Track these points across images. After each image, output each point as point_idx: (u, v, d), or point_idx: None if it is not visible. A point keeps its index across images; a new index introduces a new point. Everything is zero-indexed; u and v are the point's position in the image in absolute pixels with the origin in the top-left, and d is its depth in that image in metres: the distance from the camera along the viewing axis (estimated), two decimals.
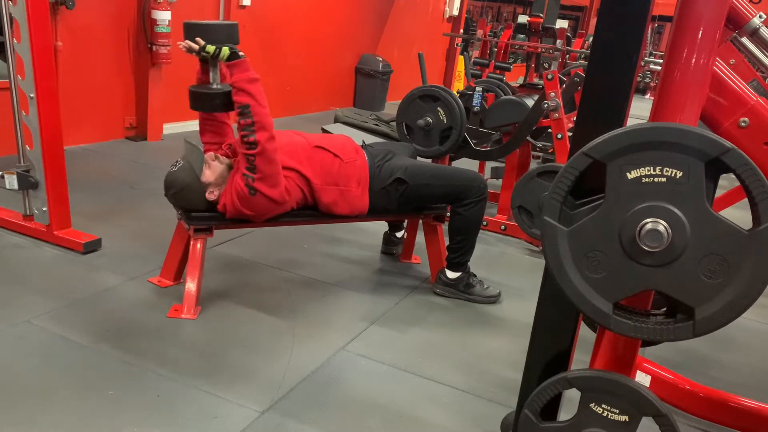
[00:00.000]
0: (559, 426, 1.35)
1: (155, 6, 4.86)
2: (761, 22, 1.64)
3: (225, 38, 2.38)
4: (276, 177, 2.43)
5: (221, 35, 2.38)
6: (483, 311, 2.84)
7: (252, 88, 2.34)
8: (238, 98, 2.34)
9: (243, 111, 2.33)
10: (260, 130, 2.33)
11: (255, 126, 2.33)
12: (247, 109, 2.32)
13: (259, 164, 2.36)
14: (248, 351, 2.29)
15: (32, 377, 2.00)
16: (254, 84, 2.35)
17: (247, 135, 2.33)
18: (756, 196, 1.04)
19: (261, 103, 2.35)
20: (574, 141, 1.27)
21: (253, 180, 2.38)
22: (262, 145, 2.34)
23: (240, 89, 2.34)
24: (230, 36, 2.40)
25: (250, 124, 2.33)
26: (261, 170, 2.37)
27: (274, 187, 2.43)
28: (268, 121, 2.37)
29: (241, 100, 2.33)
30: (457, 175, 2.82)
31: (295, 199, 2.57)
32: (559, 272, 1.16)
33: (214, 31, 2.37)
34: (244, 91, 2.33)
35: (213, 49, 2.34)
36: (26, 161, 2.93)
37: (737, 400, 1.93)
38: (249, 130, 2.33)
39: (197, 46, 2.35)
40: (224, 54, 2.34)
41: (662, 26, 14.83)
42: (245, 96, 2.33)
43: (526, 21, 5.67)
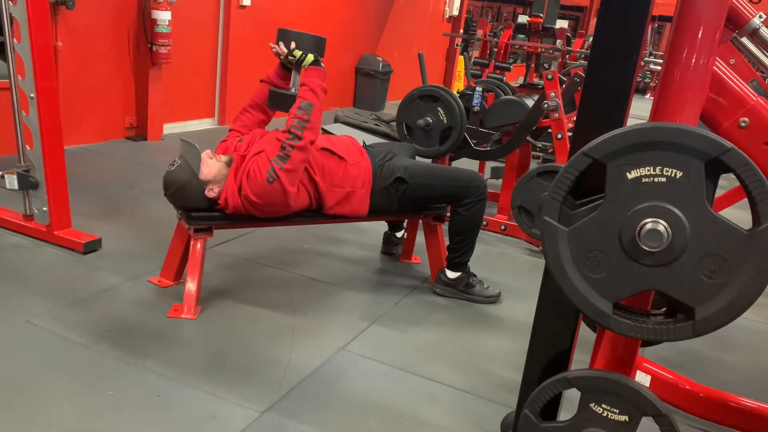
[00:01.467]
0: (559, 426, 1.35)
1: (155, 6, 4.86)
2: (761, 22, 1.65)
3: (312, 48, 2.58)
4: (298, 176, 2.49)
5: (309, 44, 2.58)
6: (483, 311, 2.84)
7: (322, 96, 2.52)
8: (307, 96, 2.48)
9: (305, 108, 2.46)
10: (311, 130, 2.45)
11: (308, 124, 2.44)
12: (310, 108, 2.46)
13: (294, 156, 2.43)
14: (248, 351, 2.29)
15: (32, 377, 2.00)
16: (324, 93, 2.53)
17: (297, 128, 2.43)
18: (756, 196, 1.04)
19: (321, 109, 2.51)
20: (574, 141, 1.27)
21: (281, 168, 2.42)
22: (305, 142, 2.44)
23: (312, 89, 2.50)
24: (317, 47, 2.60)
25: (305, 120, 2.44)
26: (293, 162, 2.43)
27: (293, 184, 2.47)
28: (320, 126, 2.53)
29: (309, 98, 2.48)
30: (456, 175, 2.82)
31: (300, 203, 2.57)
32: (559, 272, 1.16)
33: (304, 39, 2.58)
34: (314, 93, 2.49)
35: (300, 53, 2.54)
36: (26, 161, 2.93)
37: (737, 400, 1.93)
38: (301, 125, 2.44)
39: (286, 50, 2.56)
40: (308, 60, 2.54)
41: (662, 26, 14.83)
42: (314, 97, 2.49)
43: (526, 21, 5.67)
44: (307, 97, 2.48)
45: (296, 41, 2.57)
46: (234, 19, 5.95)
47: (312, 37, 2.61)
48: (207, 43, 5.85)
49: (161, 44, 4.95)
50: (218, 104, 6.13)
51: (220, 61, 6.01)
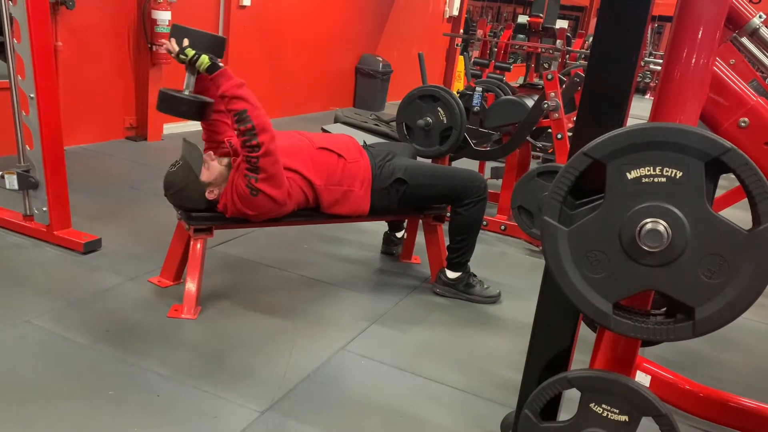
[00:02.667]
0: (559, 426, 1.35)
1: (155, 6, 4.86)
2: (761, 22, 1.65)
3: (208, 48, 2.34)
4: (280, 177, 2.43)
5: (204, 43, 2.34)
6: (483, 311, 2.84)
7: (243, 93, 2.32)
8: (234, 106, 2.31)
9: (240, 117, 2.30)
10: (262, 132, 2.32)
11: (256, 129, 2.31)
12: (244, 114, 2.30)
13: (263, 165, 2.36)
14: (248, 351, 2.29)
15: (32, 377, 2.00)
16: (243, 88, 2.34)
17: (249, 139, 2.32)
18: (756, 196, 1.04)
19: (256, 106, 2.34)
20: (574, 141, 1.27)
21: (257, 180, 2.38)
22: (266, 147, 2.33)
23: (232, 97, 2.31)
24: (214, 47, 2.36)
25: (250, 128, 2.31)
26: (265, 170, 2.37)
27: (278, 187, 2.43)
28: (267, 120, 2.36)
29: (237, 107, 2.31)
30: (456, 175, 2.82)
31: (295, 201, 2.56)
32: (559, 272, 1.16)
33: (198, 38, 2.34)
34: (236, 98, 2.31)
35: (192, 53, 2.31)
36: (26, 161, 2.93)
37: (737, 400, 1.93)
38: (250, 135, 2.31)
39: (177, 48, 2.34)
40: (202, 62, 2.31)
41: (662, 26, 14.83)
42: (239, 102, 2.31)
43: (526, 21, 5.67)
44: (235, 107, 2.30)
45: (190, 39, 2.34)
46: (234, 19, 5.95)
47: (208, 35, 2.39)
48: None
49: (161, 44, 4.94)
50: None
51: None
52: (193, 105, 2.41)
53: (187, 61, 2.34)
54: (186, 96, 2.41)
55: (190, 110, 2.41)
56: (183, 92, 2.42)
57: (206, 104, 2.46)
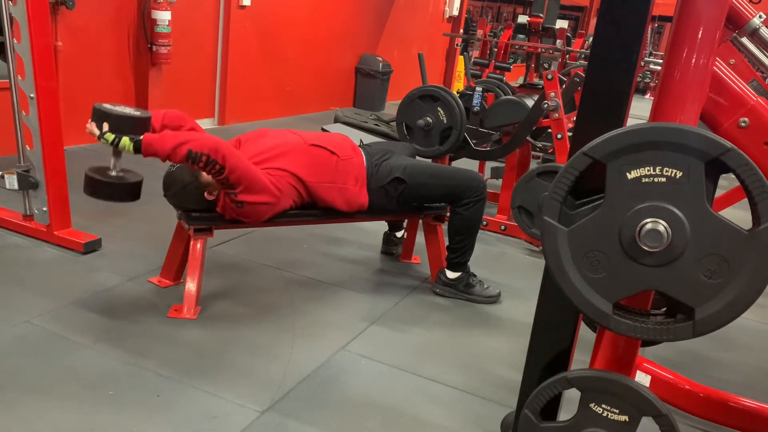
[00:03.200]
0: (559, 426, 1.35)
1: (155, 6, 4.86)
2: (761, 22, 1.64)
3: (131, 128, 2.26)
4: (258, 182, 2.41)
5: (126, 125, 2.26)
6: (483, 311, 2.84)
7: (175, 140, 2.26)
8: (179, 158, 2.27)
9: (191, 158, 2.26)
10: (215, 154, 2.27)
11: (210, 156, 2.26)
12: (191, 154, 2.25)
13: (234, 180, 2.34)
14: (248, 351, 2.29)
15: (32, 377, 2.00)
16: (169, 139, 2.27)
17: (211, 167, 2.29)
18: (756, 196, 1.04)
19: (193, 138, 2.29)
20: (574, 141, 1.27)
21: (236, 195, 2.38)
22: (228, 164, 2.30)
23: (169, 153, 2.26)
24: (137, 127, 2.28)
25: (206, 160, 2.26)
26: (239, 183, 2.36)
27: (259, 192, 2.42)
28: (212, 141, 2.30)
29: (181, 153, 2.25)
30: (456, 175, 2.82)
31: (290, 197, 2.55)
32: (559, 272, 1.16)
33: (119, 120, 2.25)
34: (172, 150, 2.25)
35: (111, 138, 2.24)
36: (26, 161, 2.94)
37: (737, 400, 1.93)
38: (210, 164, 2.27)
39: (97, 132, 2.27)
40: (125, 146, 2.25)
41: (662, 26, 14.84)
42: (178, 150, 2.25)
43: (526, 21, 5.67)
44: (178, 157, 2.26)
45: (110, 122, 2.25)
46: (234, 19, 5.95)
47: (129, 117, 2.27)
48: (207, 43, 5.85)
49: (161, 44, 4.95)
50: (218, 104, 6.13)
51: (220, 61, 6.01)
52: (121, 188, 2.35)
53: (109, 144, 2.26)
54: (110, 179, 2.34)
55: (119, 193, 2.37)
56: (109, 172, 2.35)
57: (135, 184, 2.39)
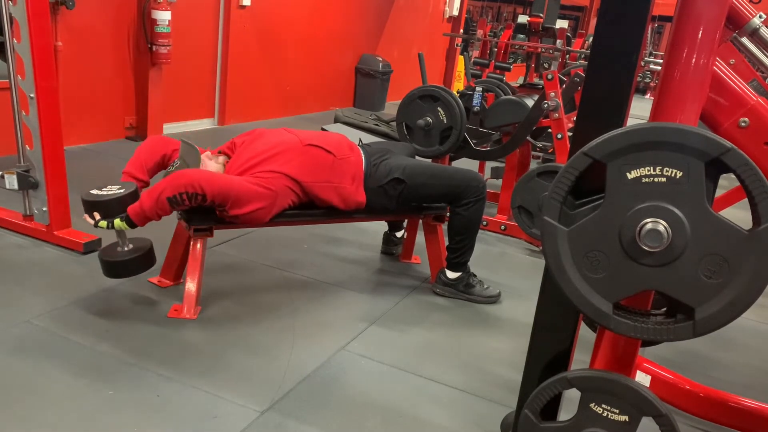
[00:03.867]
0: (559, 426, 1.35)
1: (155, 6, 4.86)
2: (761, 22, 1.65)
3: (123, 207, 2.34)
4: (244, 194, 2.38)
5: (116, 208, 2.34)
6: (483, 311, 2.84)
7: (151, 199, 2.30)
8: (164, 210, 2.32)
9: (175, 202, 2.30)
10: (192, 188, 2.29)
11: (189, 192, 2.29)
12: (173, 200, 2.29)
13: (220, 201, 2.35)
14: (248, 351, 2.29)
15: (32, 377, 2.00)
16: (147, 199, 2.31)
17: (194, 198, 2.31)
18: (756, 196, 1.04)
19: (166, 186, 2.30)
20: (574, 141, 1.27)
21: (227, 211, 2.39)
22: (207, 192, 2.30)
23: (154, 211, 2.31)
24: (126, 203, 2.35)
25: (186, 198, 2.30)
26: (226, 201, 2.35)
27: (249, 202, 2.40)
28: (185, 178, 2.31)
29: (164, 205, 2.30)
30: (455, 175, 2.82)
31: (287, 197, 2.53)
32: (559, 272, 1.16)
33: (108, 205, 2.34)
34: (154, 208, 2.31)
35: (105, 224, 2.33)
36: (26, 161, 2.93)
37: (737, 400, 1.93)
38: (193, 198, 2.30)
39: (92, 222, 2.35)
40: (119, 227, 2.34)
41: (662, 26, 14.84)
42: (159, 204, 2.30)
43: (526, 21, 5.67)
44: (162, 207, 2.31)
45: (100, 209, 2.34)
46: (234, 19, 5.95)
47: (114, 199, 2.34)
48: (207, 43, 5.85)
49: (161, 44, 4.94)
50: (218, 104, 6.13)
51: (220, 61, 6.01)
52: (137, 261, 2.41)
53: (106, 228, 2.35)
54: (125, 255, 2.41)
55: (137, 266, 2.42)
56: (122, 249, 2.42)
57: (148, 252, 2.45)
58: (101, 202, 2.34)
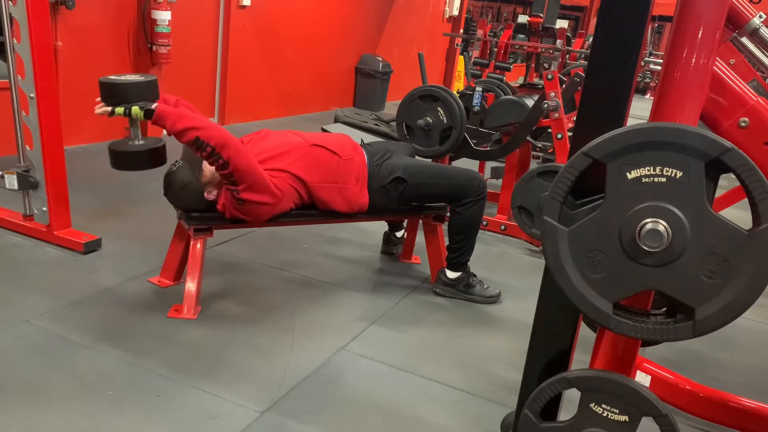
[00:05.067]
0: (559, 426, 1.35)
1: (155, 6, 4.86)
2: (761, 22, 1.65)
3: (138, 95, 2.27)
4: (260, 182, 2.40)
5: (134, 93, 2.27)
6: (483, 311, 2.84)
7: (186, 123, 2.25)
8: (185, 139, 2.26)
9: (198, 145, 2.25)
10: (223, 149, 2.27)
11: (216, 149, 2.26)
12: (198, 141, 2.24)
13: (238, 178, 2.35)
14: (248, 351, 2.29)
15: (32, 377, 2.00)
16: (184, 118, 2.26)
17: (215, 160, 2.29)
18: (756, 196, 1.04)
19: (205, 126, 2.27)
20: (574, 141, 1.27)
21: (238, 192, 2.38)
22: (233, 161, 2.29)
23: (179, 132, 2.25)
24: (145, 92, 2.29)
25: (210, 151, 2.26)
26: (243, 181, 2.36)
27: (261, 192, 2.42)
28: (223, 135, 2.29)
29: (189, 138, 2.25)
30: (456, 175, 2.82)
31: (291, 198, 2.56)
32: (559, 272, 1.16)
33: (126, 90, 2.27)
34: (183, 131, 2.24)
35: (122, 110, 2.26)
36: (26, 161, 2.93)
37: (737, 400, 1.93)
38: (214, 156, 2.27)
39: (108, 109, 2.29)
40: (136, 115, 2.26)
41: (662, 26, 14.84)
42: (188, 132, 2.24)
43: (526, 21, 5.68)
44: (186, 138, 2.25)
45: (118, 92, 2.27)
46: (234, 19, 5.95)
47: (134, 84, 2.29)
48: (207, 43, 5.85)
49: (161, 44, 4.94)
50: (218, 104, 6.13)
51: (220, 61, 6.01)
52: (146, 155, 2.35)
53: (122, 115, 2.29)
54: (135, 147, 2.35)
55: (144, 161, 2.36)
56: (133, 142, 2.36)
57: (159, 149, 2.40)
58: (122, 85, 2.26)
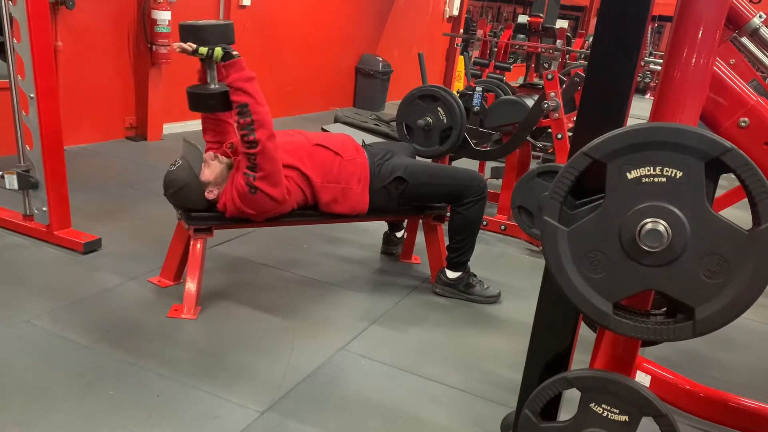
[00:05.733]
0: (559, 426, 1.34)
1: (155, 6, 4.86)
2: (761, 22, 1.65)
3: (218, 38, 2.36)
4: (277, 175, 2.43)
5: (214, 35, 2.36)
6: (483, 311, 2.84)
7: (249, 87, 2.34)
8: (236, 98, 2.34)
9: (242, 110, 2.33)
10: (260, 128, 2.33)
11: (255, 124, 2.32)
12: (245, 108, 2.32)
13: (260, 162, 2.36)
14: (248, 351, 2.29)
15: (32, 377, 2.00)
16: (251, 82, 2.35)
17: (247, 134, 2.33)
18: (756, 196, 1.04)
19: (259, 102, 2.35)
20: (574, 141, 1.27)
21: (254, 179, 2.38)
22: (262, 144, 2.34)
23: (237, 89, 2.33)
24: (224, 36, 2.39)
25: (249, 123, 2.32)
26: (262, 168, 2.38)
27: (275, 185, 2.43)
28: (268, 119, 2.37)
29: (240, 99, 2.33)
30: (456, 175, 2.82)
31: (295, 199, 2.57)
32: (559, 272, 1.16)
33: (207, 32, 2.35)
34: (241, 90, 2.33)
35: (205, 50, 2.33)
36: (26, 161, 2.93)
37: (737, 400, 1.93)
38: (249, 129, 2.33)
39: (190, 48, 2.34)
40: (217, 55, 2.34)
41: (662, 26, 14.84)
42: (243, 95, 2.33)
43: (526, 21, 5.67)
44: (238, 99, 2.33)
45: (199, 35, 2.35)
46: (234, 19, 5.88)
47: (215, 25, 2.40)
48: None
49: (161, 44, 4.94)
50: None
51: None
52: (224, 96, 2.41)
53: (203, 58, 2.36)
54: (214, 89, 2.42)
55: (220, 102, 2.43)
56: (208, 86, 2.43)
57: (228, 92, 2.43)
58: (206, 27, 2.35)
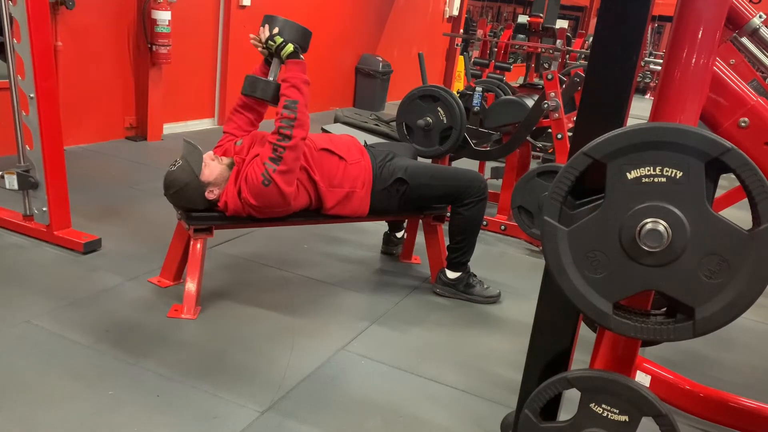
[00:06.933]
0: (559, 426, 1.34)
1: (155, 6, 4.86)
2: (761, 22, 1.65)
3: (295, 38, 2.53)
4: (294, 175, 2.48)
5: (293, 34, 2.53)
6: (483, 311, 2.84)
7: (304, 89, 2.50)
8: (289, 93, 2.46)
9: (290, 105, 2.44)
10: (299, 127, 2.43)
11: (296, 122, 2.43)
12: (295, 104, 2.44)
13: (286, 157, 2.41)
14: (248, 351, 2.29)
15: (32, 377, 2.00)
16: (307, 86, 2.51)
17: (285, 128, 2.42)
18: (756, 196, 1.04)
19: (307, 105, 2.48)
20: (574, 141, 1.27)
21: (275, 170, 2.40)
22: (296, 141, 2.42)
23: (293, 85, 2.47)
24: (301, 38, 2.56)
25: (292, 118, 2.42)
26: (286, 163, 2.42)
27: (289, 185, 2.46)
28: (308, 124, 2.49)
29: (292, 96, 2.46)
30: (457, 175, 2.82)
31: (299, 203, 2.58)
32: (559, 272, 1.16)
33: (289, 28, 2.52)
34: (296, 88, 2.47)
35: (280, 40, 2.49)
36: (26, 161, 2.93)
37: (737, 400, 1.93)
38: (289, 124, 2.42)
39: (267, 35, 2.49)
40: (288, 49, 2.49)
41: (662, 26, 14.84)
42: (297, 93, 2.46)
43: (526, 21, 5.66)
44: (291, 95, 2.46)
45: (280, 28, 2.51)
46: (234, 19, 5.95)
47: (298, 27, 2.55)
48: (207, 43, 5.85)
49: (161, 44, 4.94)
50: (218, 104, 6.13)
51: (220, 61, 6.01)
52: (277, 88, 2.54)
53: (274, 47, 2.50)
54: (275, 82, 2.56)
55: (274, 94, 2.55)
56: (269, 78, 2.58)
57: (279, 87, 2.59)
58: (290, 23, 2.53)
